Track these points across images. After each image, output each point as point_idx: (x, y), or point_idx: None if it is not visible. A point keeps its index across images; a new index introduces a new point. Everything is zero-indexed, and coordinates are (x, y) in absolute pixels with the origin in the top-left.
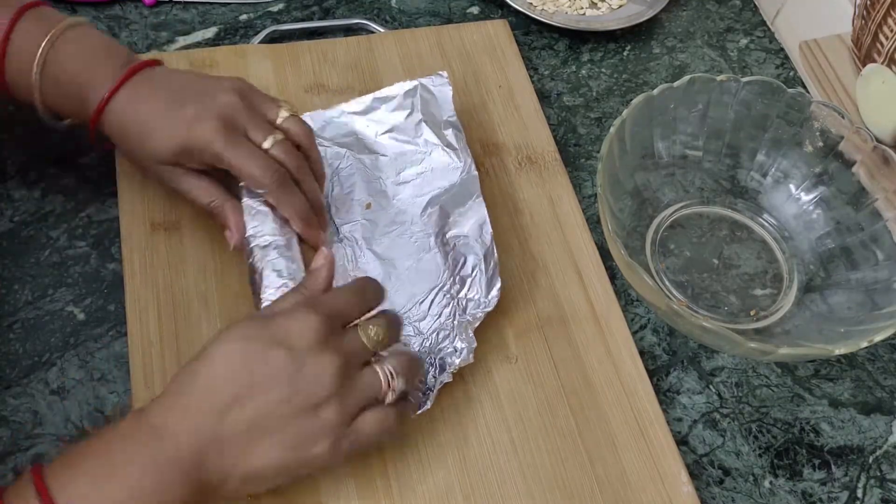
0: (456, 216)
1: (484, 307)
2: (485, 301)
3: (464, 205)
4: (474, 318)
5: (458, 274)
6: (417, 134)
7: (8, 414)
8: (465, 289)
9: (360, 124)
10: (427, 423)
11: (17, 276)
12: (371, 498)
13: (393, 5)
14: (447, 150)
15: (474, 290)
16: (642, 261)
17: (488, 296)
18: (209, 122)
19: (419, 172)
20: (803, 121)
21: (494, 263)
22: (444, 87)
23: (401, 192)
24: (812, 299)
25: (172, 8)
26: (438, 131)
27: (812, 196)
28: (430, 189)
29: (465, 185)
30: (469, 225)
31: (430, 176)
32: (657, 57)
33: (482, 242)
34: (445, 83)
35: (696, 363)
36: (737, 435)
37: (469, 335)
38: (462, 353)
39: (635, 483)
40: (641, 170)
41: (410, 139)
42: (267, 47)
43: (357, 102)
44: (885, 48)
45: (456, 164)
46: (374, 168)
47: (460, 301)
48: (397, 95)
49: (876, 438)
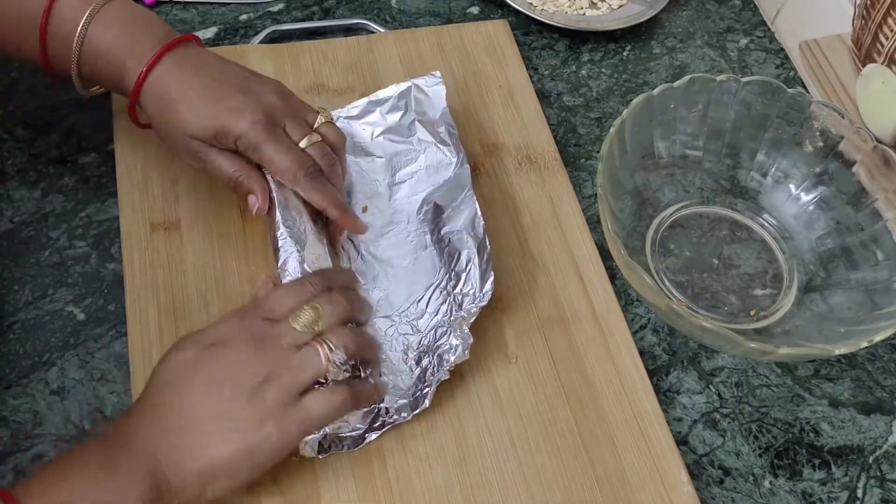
0: (450, 211)
1: (479, 301)
2: (479, 295)
3: (456, 199)
4: (469, 314)
5: (453, 269)
6: (411, 133)
7: (8, 414)
8: (461, 284)
9: (356, 128)
10: (427, 423)
11: (17, 277)
12: (371, 498)
13: (393, 5)
14: (440, 147)
15: (469, 285)
16: (642, 261)
17: (483, 290)
18: (252, 114)
19: (413, 171)
20: (803, 121)
21: (487, 256)
22: (437, 87)
23: (397, 192)
24: (812, 299)
25: (172, 8)
26: (432, 129)
27: (812, 196)
28: (425, 187)
29: (457, 179)
30: (462, 219)
31: (425, 174)
32: (657, 57)
33: (475, 236)
34: (439, 82)
35: (696, 363)
36: (737, 435)
37: (465, 331)
38: (458, 349)
39: (635, 483)
40: (641, 170)
41: (405, 139)
42: (267, 47)
43: (353, 107)
44: (885, 48)
45: (449, 160)
46: (370, 171)
47: (456, 297)
48: (391, 97)
49: (876, 438)
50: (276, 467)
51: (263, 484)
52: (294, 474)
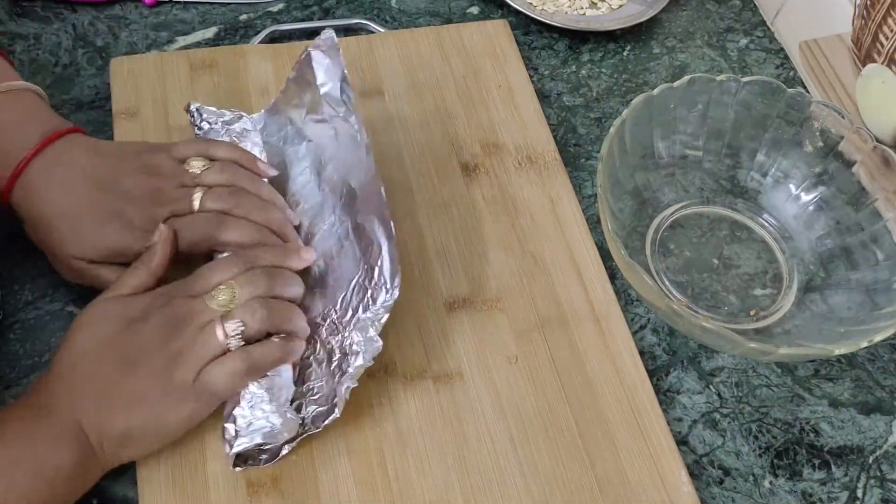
0: (362, 196)
1: (385, 301)
2: (389, 290)
3: (364, 181)
4: (376, 315)
5: (368, 263)
6: (324, 108)
7: None
8: (375, 277)
9: (290, 112)
10: (427, 423)
11: (17, 277)
12: (371, 498)
13: (393, 5)
14: (348, 121)
15: (381, 278)
16: (642, 261)
17: (393, 283)
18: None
19: (333, 152)
20: (803, 121)
21: (394, 247)
22: (333, 50)
23: (322, 177)
24: (812, 299)
25: (172, 8)
26: (337, 99)
27: (812, 196)
28: (341, 167)
29: (362, 155)
30: (372, 205)
31: (341, 153)
32: (657, 57)
33: (384, 223)
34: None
35: (696, 363)
36: (737, 435)
37: (370, 335)
38: (360, 356)
39: (635, 483)
40: (641, 170)
41: (322, 116)
42: (267, 47)
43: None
44: (885, 48)
45: (355, 132)
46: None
47: (371, 294)
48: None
49: (876, 438)
50: (277, 467)
51: (263, 484)
52: (294, 474)
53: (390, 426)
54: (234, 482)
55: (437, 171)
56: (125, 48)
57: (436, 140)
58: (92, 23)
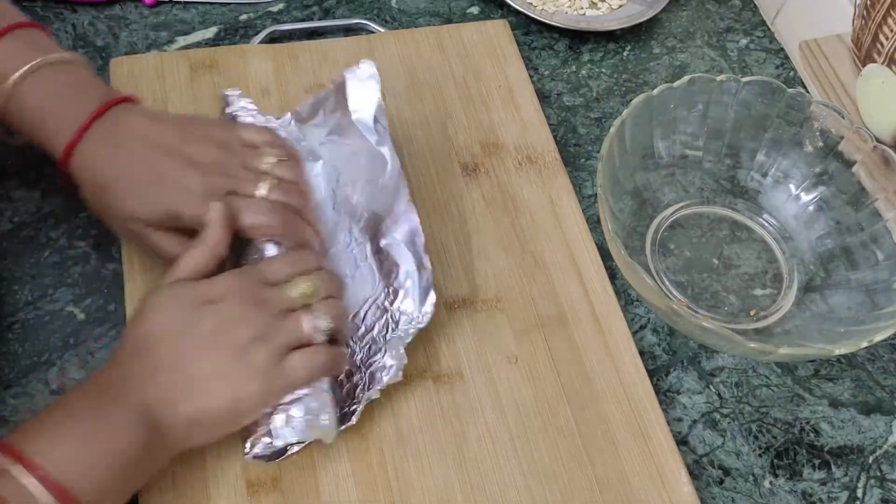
0: (388, 221)
1: (416, 323)
2: (417, 316)
3: (395, 209)
4: (406, 334)
5: (391, 285)
6: (351, 133)
7: (8, 414)
8: (399, 301)
9: (306, 131)
10: (427, 423)
11: (17, 276)
12: (371, 498)
13: (393, 5)
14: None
15: (407, 303)
16: (642, 261)
17: (421, 310)
18: (200, 187)
19: (355, 176)
20: (803, 121)
21: (428, 276)
22: (371, 80)
23: (340, 198)
24: (812, 299)
25: (172, 8)
26: (369, 128)
27: (812, 196)
28: (365, 192)
29: (395, 184)
30: (401, 231)
31: (365, 178)
32: (657, 57)
33: (415, 252)
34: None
35: (696, 363)
36: (737, 435)
37: (400, 352)
38: (391, 370)
39: (635, 483)
40: (641, 170)
41: (346, 140)
42: (267, 47)
43: (301, 108)
44: (885, 48)
45: (385, 161)
46: (316, 177)
47: (393, 314)
48: (331, 95)
49: (876, 438)
50: (277, 467)
51: (263, 484)
52: (294, 474)
53: (390, 426)
54: (234, 482)
55: (437, 171)
56: (125, 48)
57: (436, 140)
58: (92, 23)
